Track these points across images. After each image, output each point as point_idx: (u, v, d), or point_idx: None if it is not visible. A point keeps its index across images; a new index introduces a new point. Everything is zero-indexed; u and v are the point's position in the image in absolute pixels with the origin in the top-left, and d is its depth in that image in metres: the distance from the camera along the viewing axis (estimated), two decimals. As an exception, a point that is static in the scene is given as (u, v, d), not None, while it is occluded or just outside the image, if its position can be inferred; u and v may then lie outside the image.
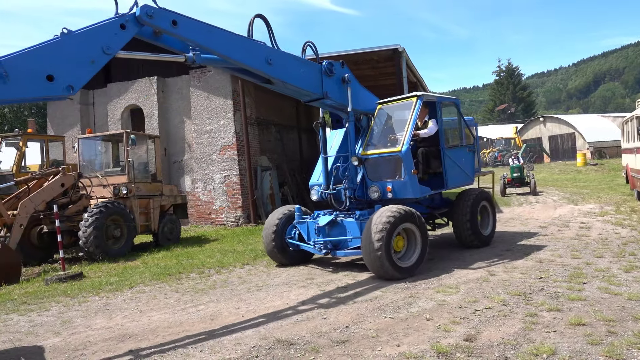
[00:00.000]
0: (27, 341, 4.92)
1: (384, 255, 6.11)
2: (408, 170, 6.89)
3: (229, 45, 5.73)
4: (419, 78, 17.59)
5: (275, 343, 4.27)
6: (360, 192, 7.37)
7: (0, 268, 7.84)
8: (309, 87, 6.77)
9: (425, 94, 7.61)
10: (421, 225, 6.65)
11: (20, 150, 12.58)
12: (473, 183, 8.16)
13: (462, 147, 8.12)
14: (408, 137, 7.02)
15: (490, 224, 8.59)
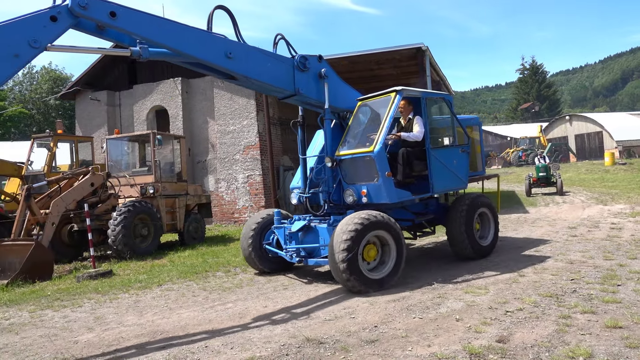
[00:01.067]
0: (62, 336, 5.05)
1: (349, 267, 5.58)
2: (382, 172, 6.25)
3: (180, 38, 5.30)
4: (442, 77, 17.42)
5: (305, 342, 4.29)
6: (336, 196, 6.82)
7: (33, 265, 8.07)
8: (278, 83, 6.31)
9: (406, 89, 6.84)
10: (395, 233, 6.02)
11: (51, 151, 12.93)
12: (466, 187, 7.43)
13: (453, 147, 7.22)
14: (382, 136, 6.35)
15: (491, 234, 7.72)
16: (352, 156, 6.58)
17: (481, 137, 8.61)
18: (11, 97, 55.65)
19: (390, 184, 6.33)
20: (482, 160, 8.58)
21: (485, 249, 7.48)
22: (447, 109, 7.33)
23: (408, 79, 17.60)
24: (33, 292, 7.22)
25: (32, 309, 6.26)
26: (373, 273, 5.89)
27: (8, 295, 7.13)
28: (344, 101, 7.16)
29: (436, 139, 7.16)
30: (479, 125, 8.66)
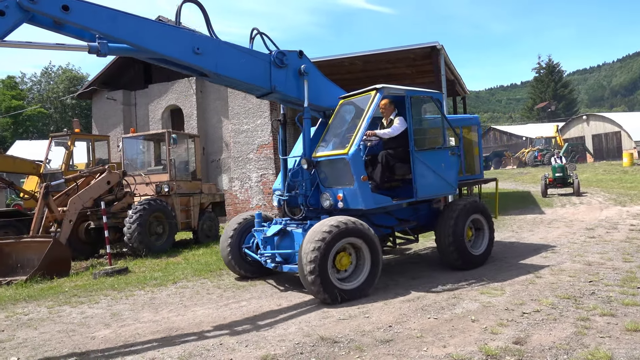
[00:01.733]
0: (80, 332, 5.12)
1: (318, 278, 5.25)
2: (357, 176, 5.85)
3: (141, 33, 5.03)
4: (456, 76, 17.27)
5: (319, 340, 4.28)
6: (313, 199, 6.47)
7: (51, 262, 8.19)
8: (253, 80, 5.99)
9: (387, 87, 6.36)
10: (370, 240, 5.66)
11: (69, 149, 13.11)
12: (455, 192, 6.93)
13: (441, 149, 6.67)
14: (358, 137, 5.94)
15: (485, 242, 7.13)
16: (329, 158, 6.20)
17: (480, 139, 8.07)
18: (30, 96, 56.62)
19: (366, 188, 5.97)
20: (480, 163, 8.03)
21: (477, 259, 6.89)
22: (436, 109, 6.80)
23: (422, 78, 17.49)
24: (51, 289, 7.33)
25: (50, 305, 6.36)
26: (346, 282, 5.57)
27: (27, 291, 7.25)
28: (327, 99, 6.82)
29: (422, 141, 6.58)
30: (477, 125, 8.11)
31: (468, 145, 7.74)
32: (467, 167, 7.62)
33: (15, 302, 6.67)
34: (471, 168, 7.78)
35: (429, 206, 7.25)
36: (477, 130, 8.01)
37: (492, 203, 8.46)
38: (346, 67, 15.41)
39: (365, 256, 5.69)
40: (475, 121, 8.12)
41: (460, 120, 7.90)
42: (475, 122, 8.10)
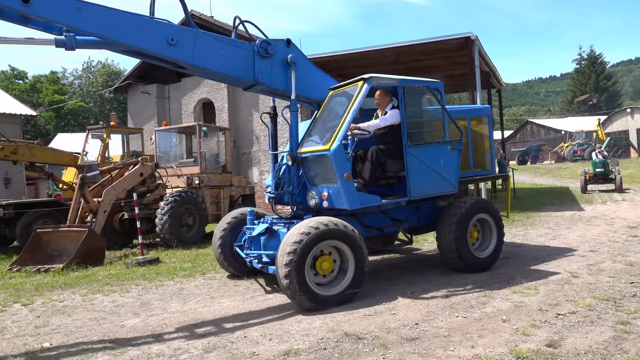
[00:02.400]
0: (110, 320, 5.24)
1: (294, 283, 4.91)
2: (340, 173, 5.45)
3: (108, 25, 4.80)
4: (492, 67, 16.77)
5: (343, 336, 4.22)
6: (300, 197, 6.12)
7: (87, 251, 8.45)
8: (234, 71, 5.70)
9: (376, 76, 5.86)
10: (354, 243, 5.26)
11: (104, 142, 13.48)
12: (455, 190, 6.32)
13: (439, 144, 6.15)
14: (342, 132, 5.53)
15: (493, 244, 6.58)
16: (313, 154, 5.82)
17: (491, 131, 7.34)
18: (71, 91, 58.68)
19: (350, 187, 5.55)
20: (491, 158, 7.32)
21: (482, 262, 6.37)
22: (436, 99, 6.23)
23: (456, 70, 17.07)
24: (86, 277, 7.55)
25: (84, 293, 6.55)
26: (327, 288, 5.21)
27: (63, 278, 7.49)
28: (318, 90, 6.42)
29: (419, 135, 6.09)
30: (488, 117, 7.35)
31: (477, 138, 7.08)
32: (476, 162, 6.96)
33: (51, 289, 6.90)
34: (481, 163, 7.17)
35: (432, 204, 6.78)
36: (488, 122, 7.32)
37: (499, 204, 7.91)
38: (378, 59, 15.20)
39: (349, 260, 5.30)
40: (485, 112, 7.43)
41: (468, 111, 7.18)
42: (485, 113, 7.40)
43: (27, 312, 5.79)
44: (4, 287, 7.16)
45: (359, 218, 6.10)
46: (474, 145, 7.01)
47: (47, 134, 47.73)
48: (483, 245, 6.60)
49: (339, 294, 5.19)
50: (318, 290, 5.09)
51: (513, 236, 9.24)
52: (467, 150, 6.87)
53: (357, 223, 6.04)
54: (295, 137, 6.13)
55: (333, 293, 5.18)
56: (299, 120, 6.28)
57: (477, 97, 13.52)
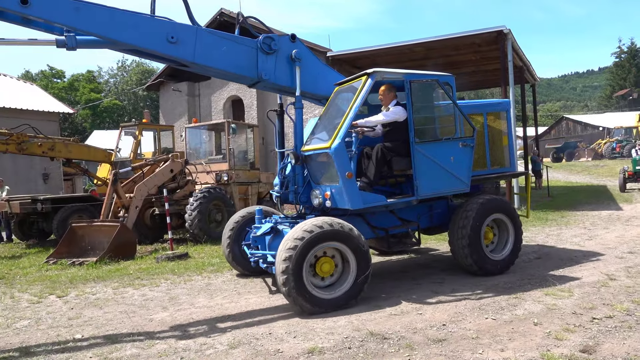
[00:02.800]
0: (139, 313, 5.35)
1: (292, 286, 4.77)
2: (342, 172, 5.25)
3: (108, 24, 4.78)
4: (525, 62, 16.31)
5: (369, 335, 4.17)
6: (305, 196, 5.95)
7: (119, 245, 8.66)
8: (237, 68, 5.60)
9: (380, 71, 5.65)
10: (355, 245, 5.06)
11: (137, 139, 13.78)
12: (467, 188, 5.98)
13: (449, 140, 5.86)
14: (343, 129, 5.34)
15: (509, 245, 6.25)
16: (315, 152, 5.65)
17: (510, 127, 6.99)
18: (106, 89, 60.42)
19: (352, 186, 5.34)
20: (510, 155, 6.93)
21: (497, 265, 6.08)
22: (445, 94, 5.91)
23: (488, 65, 16.67)
24: (117, 270, 7.74)
25: (115, 286, 6.71)
26: (328, 291, 5.03)
27: (96, 272, 7.71)
28: (324, 86, 6.23)
29: (427, 131, 5.86)
30: (506, 111, 6.96)
31: (495, 134, 6.73)
32: (493, 160, 6.63)
33: (85, 281, 7.11)
34: (499, 160, 6.80)
35: (446, 204, 6.53)
36: (506, 117, 6.93)
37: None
38: (407, 54, 14.99)
39: (351, 262, 5.11)
40: (503, 106, 7.01)
41: (485, 105, 6.83)
42: (503, 107, 7.00)
43: (61, 303, 5.98)
44: (40, 279, 7.43)
45: (365, 218, 5.94)
46: (491, 142, 6.70)
47: (84, 131, 49.32)
48: (499, 247, 6.30)
49: (339, 297, 5.00)
50: (318, 294, 4.93)
51: (547, 236, 8.96)
52: (483, 147, 6.60)
53: (363, 223, 5.87)
54: (299, 135, 5.99)
55: (333, 296, 5.00)
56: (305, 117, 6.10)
57: (510, 92, 13.16)
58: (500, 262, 6.12)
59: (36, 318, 5.39)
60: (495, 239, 6.31)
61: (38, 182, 19.30)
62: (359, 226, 5.62)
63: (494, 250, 6.26)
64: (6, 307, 5.98)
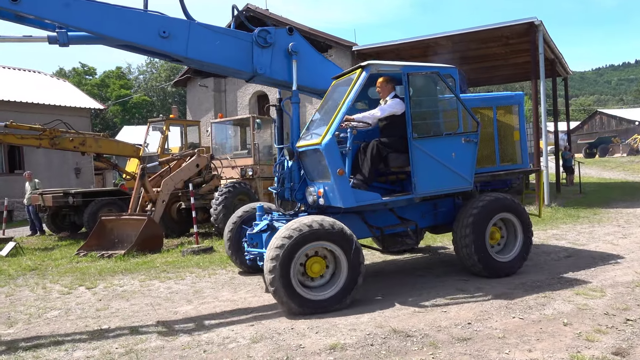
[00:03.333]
0: (164, 306, 5.43)
1: (279, 289, 4.65)
2: (333, 169, 5.07)
3: (98, 19, 4.74)
4: (557, 54, 15.82)
5: (391, 333, 4.12)
6: (301, 193, 5.83)
7: (146, 238, 8.83)
8: (231, 63, 5.49)
9: (375, 63, 5.44)
10: (346, 245, 4.86)
11: (164, 134, 14.00)
12: (471, 186, 5.71)
13: (450, 136, 5.57)
14: (334, 124, 5.16)
15: (517, 246, 5.93)
16: (308, 148, 5.47)
17: (522, 121, 6.51)
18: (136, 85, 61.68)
19: (344, 184, 5.12)
20: (522, 150, 6.52)
21: (504, 267, 5.80)
22: (447, 87, 5.60)
23: (517, 57, 16.25)
24: (144, 263, 7.89)
25: (142, 279, 6.84)
26: (318, 292, 4.87)
27: (124, 264, 7.88)
28: (324, 81, 6.02)
29: (427, 126, 5.57)
30: (518, 105, 6.52)
31: (505, 129, 6.40)
32: (503, 156, 6.31)
33: (113, 274, 7.27)
34: (509, 156, 6.44)
35: (452, 202, 6.25)
36: (517, 112, 6.51)
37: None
38: (433, 48, 14.74)
39: (342, 262, 4.92)
40: (515, 100, 6.57)
41: (495, 99, 6.46)
42: (515, 100, 6.55)
43: (90, 295, 6.14)
44: (71, 271, 7.64)
45: (363, 216, 5.74)
46: (501, 137, 6.35)
47: (114, 126, 50.51)
48: (507, 248, 6.00)
49: (329, 299, 4.83)
50: (307, 295, 4.78)
51: (578, 233, 8.68)
52: (492, 142, 6.26)
53: (361, 222, 5.70)
54: (296, 131, 5.86)
55: (322, 297, 4.83)
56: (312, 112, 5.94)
57: (541, 86, 12.79)
58: (507, 264, 5.83)
59: (66, 309, 5.54)
60: (502, 240, 6.04)
61: (70, 177, 19.89)
62: (355, 225, 5.47)
63: (501, 251, 5.99)
64: (38, 297, 6.17)
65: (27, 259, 8.98)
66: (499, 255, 5.89)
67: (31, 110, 18.21)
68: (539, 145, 13.51)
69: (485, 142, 6.15)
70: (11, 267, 8.16)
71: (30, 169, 15.70)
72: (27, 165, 17.86)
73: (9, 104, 17.61)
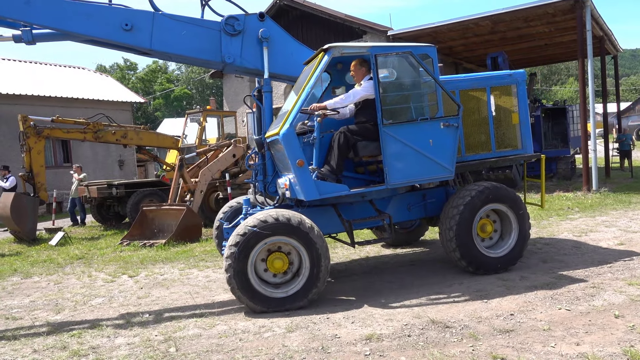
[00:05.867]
0: (202, 294, 5.52)
1: (236, 283, 4.50)
2: (292, 160, 4.79)
3: (59, 15, 4.68)
4: (606, 31, 14.92)
5: (429, 323, 4.01)
6: (274, 186, 5.57)
7: (185, 228, 9.00)
8: (199, 53, 5.33)
9: (337, 46, 4.97)
10: (308, 240, 4.63)
11: (201, 125, 14.22)
12: (452, 175, 5.26)
13: (426, 121, 5.09)
14: (294, 113, 4.85)
15: (512, 241, 5.44)
16: (272, 139, 5.18)
17: (523, 102, 5.88)
18: (178, 78, 63.06)
19: (305, 175, 4.83)
20: (524, 134, 5.87)
21: (493, 262, 5.35)
22: (425, 69, 5.10)
23: (563, 36, 15.46)
24: (184, 252, 8.06)
25: (181, 267, 6.98)
26: (278, 289, 4.69)
27: (165, 253, 8.07)
28: (299, 67, 5.70)
29: (399, 111, 5.14)
30: (516, 84, 5.87)
31: (501, 112, 5.87)
32: (500, 141, 5.79)
33: (154, 262, 7.46)
34: (508, 142, 5.86)
35: (444, 192, 5.85)
36: (516, 93, 5.86)
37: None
38: (472, 29, 14.22)
39: (304, 259, 4.70)
40: (512, 79, 5.89)
41: (488, 78, 5.88)
42: (512, 80, 5.89)
43: (132, 283, 6.31)
44: (115, 260, 7.89)
45: (337, 209, 5.37)
46: (497, 121, 5.80)
47: (156, 119, 51.91)
48: (500, 242, 5.55)
49: (290, 297, 4.65)
50: (267, 292, 4.63)
51: (630, 220, 8.20)
52: (486, 127, 5.75)
53: (334, 215, 5.36)
54: (268, 121, 5.58)
55: (283, 295, 4.66)
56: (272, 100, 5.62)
57: (589, 65, 12.11)
58: (497, 260, 5.38)
59: (109, 296, 5.72)
60: (495, 233, 5.57)
61: (114, 169, 20.58)
62: (327, 219, 5.27)
63: (494, 245, 5.54)
64: (84, 285, 6.41)
65: (74, 248, 9.35)
66: (491, 250, 5.46)
67: (75, 105, 18.90)
68: (586, 128, 12.85)
69: (478, 126, 5.68)
70: (60, 256, 8.52)
71: (77, 161, 16.34)
72: (74, 158, 18.61)
73: (54, 100, 18.34)
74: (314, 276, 4.68)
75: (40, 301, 5.74)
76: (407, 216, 5.86)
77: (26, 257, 8.59)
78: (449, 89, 5.26)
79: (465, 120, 5.56)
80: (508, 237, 5.50)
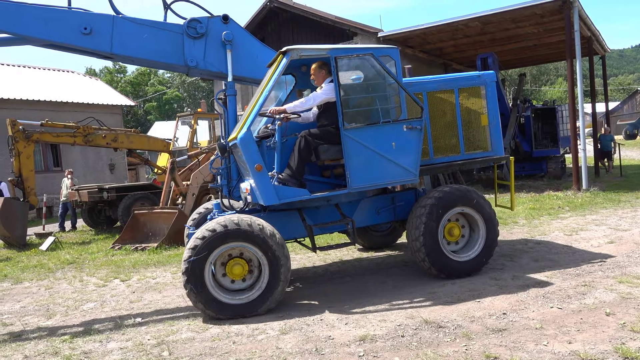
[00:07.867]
0: (195, 298, 5.47)
1: (192, 288, 4.46)
2: (251, 165, 4.73)
3: (15, 20, 4.61)
4: (594, 32, 15.09)
5: (423, 323, 4.02)
6: (237, 190, 5.49)
7: (177, 232, 8.91)
8: (160, 57, 5.27)
9: (295, 48, 4.92)
10: (267, 246, 4.57)
11: (192, 128, 14.17)
12: (415, 178, 5.17)
13: (388, 124, 5.02)
14: (251, 116, 4.80)
15: (479, 244, 5.37)
16: (232, 142, 5.10)
17: (492, 103, 5.78)
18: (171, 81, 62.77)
19: (263, 180, 4.77)
20: (492, 136, 5.79)
21: (461, 267, 5.28)
22: (384, 69, 5.02)
23: (551, 37, 15.61)
24: (176, 255, 8.00)
25: (174, 271, 6.94)
26: (236, 295, 4.64)
27: (157, 257, 8.01)
28: (264, 70, 5.58)
29: (360, 114, 5.10)
30: (485, 86, 5.78)
31: (469, 114, 5.75)
32: (469, 144, 5.71)
33: (146, 266, 7.41)
34: (477, 143, 5.77)
35: (414, 194, 5.80)
36: (485, 94, 5.77)
37: None
38: (462, 31, 14.32)
39: (262, 266, 4.66)
40: (481, 80, 5.81)
41: (456, 80, 5.80)
42: (480, 81, 5.81)
43: (124, 287, 6.26)
44: (107, 264, 7.83)
45: (301, 213, 5.31)
46: (465, 123, 5.70)
47: (147, 122, 51.63)
48: (468, 246, 5.47)
49: (246, 304, 4.59)
50: (224, 298, 4.56)
51: (619, 218, 8.30)
52: (454, 129, 5.67)
53: (299, 220, 5.30)
54: (232, 125, 5.49)
55: (240, 302, 4.59)
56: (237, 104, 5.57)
57: (577, 65, 12.24)
58: (464, 264, 5.31)
59: (101, 301, 5.68)
60: (462, 237, 5.50)
61: (105, 172, 20.43)
62: (292, 223, 5.23)
63: (462, 249, 5.47)
64: (75, 289, 6.35)
65: (65, 252, 9.26)
66: (458, 254, 5.39)
67: (65, 108, 18.73)
68: (575, 128, 12.98)
69: (446, 129, 5.63)
70: (51, 261, 8.43)
71: (67, 166, 16.19)
72: (64, 162, 18.44)
73: (43, 104, 18.16)
74: (272, 285, 4.62)
75: (31, 307, 5.68)
76: (375, 220, 5.77)
77: (16, 263, 8.49)
78: (415, 91, 5.26)
79: (433, 122, 5.57)
80: (475, 241, 5.44)
